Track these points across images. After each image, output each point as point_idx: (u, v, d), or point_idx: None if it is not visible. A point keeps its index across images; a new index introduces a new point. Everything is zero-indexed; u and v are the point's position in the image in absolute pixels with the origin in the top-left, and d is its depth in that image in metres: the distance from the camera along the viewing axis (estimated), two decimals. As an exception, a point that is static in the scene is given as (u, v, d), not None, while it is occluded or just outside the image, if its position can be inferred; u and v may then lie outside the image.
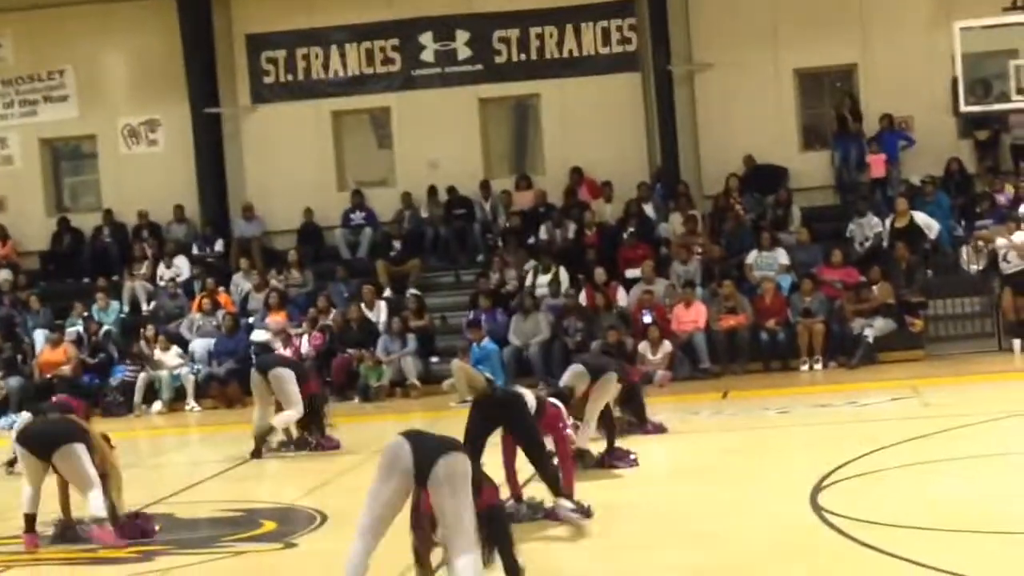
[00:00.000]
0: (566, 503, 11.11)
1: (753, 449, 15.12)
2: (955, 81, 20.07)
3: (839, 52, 26.24)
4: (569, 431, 12.04)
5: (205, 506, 13.44)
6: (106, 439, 12.10)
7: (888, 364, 21.81)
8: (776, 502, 11.66)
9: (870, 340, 22.10)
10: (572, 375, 13.70)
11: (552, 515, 11.21)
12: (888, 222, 24.04)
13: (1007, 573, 8.82)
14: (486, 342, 22.43)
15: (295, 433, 16.64)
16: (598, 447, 13.81)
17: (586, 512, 11.16)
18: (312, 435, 16.52)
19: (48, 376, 23.75)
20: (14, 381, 23.99)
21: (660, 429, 15.81)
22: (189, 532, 12.19)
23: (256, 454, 16.30)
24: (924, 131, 25.53)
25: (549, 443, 11.52)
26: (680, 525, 11.16)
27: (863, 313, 22.41)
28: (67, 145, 29.80)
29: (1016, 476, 12.14)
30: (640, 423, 15.27)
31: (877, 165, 25.42)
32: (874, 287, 22.73)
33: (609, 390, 13.86)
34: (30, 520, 11.66)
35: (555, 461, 11.48)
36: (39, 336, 25.18)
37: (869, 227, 24.28)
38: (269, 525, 12.28)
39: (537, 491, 11.45)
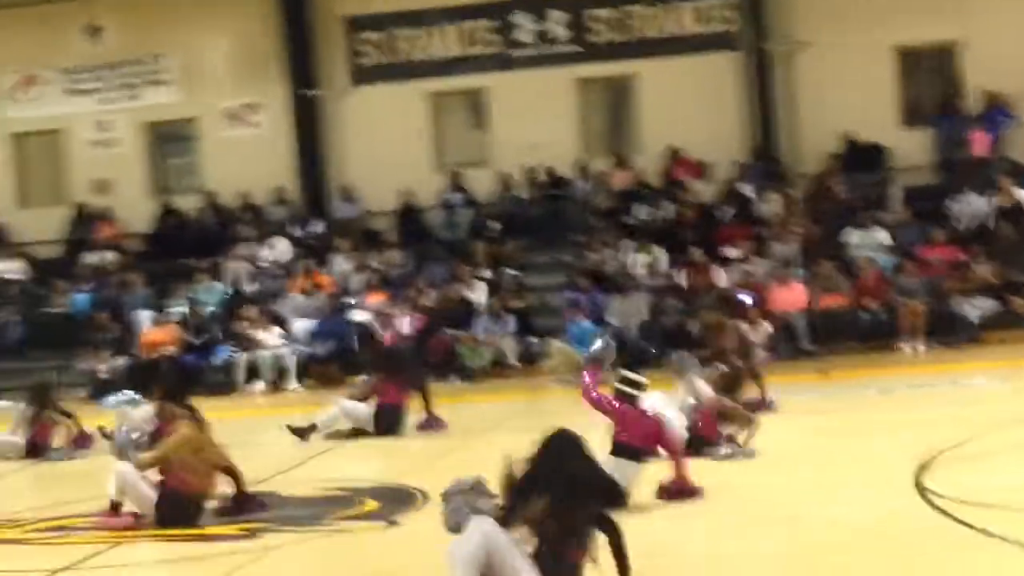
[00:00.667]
0: None
1: (854, 430, 15.02)
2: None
3: (940, 28, 25.96)
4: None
5: (308, 485, 13.57)
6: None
7: (991, 345, 21.56)
8: (878, 483, 11.58)
9: (973, 320, 21.87)
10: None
11: None
12: (991, 201, 23.75)
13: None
14: (584, 322, 22.44)
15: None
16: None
17: None
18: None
19: (152, 356, 24.07)
20: (121, 360, 24.37)
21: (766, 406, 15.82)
22: (292, 510, 12.31)
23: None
24: (1028, 109, 25.20)
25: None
26: (778, 508, 11.12)
27: (966, 292, 22.17)
28: (169, 128, 30.17)
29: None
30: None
31: (980, 143, 25.10)
32: (977, 267, 22.47)
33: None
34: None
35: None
36: (143, 316, 25.57)
37: (971, 206, 24.01)
38: (371, 504, 12.38)
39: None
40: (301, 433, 16.60)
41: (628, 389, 11.51)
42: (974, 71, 25.76)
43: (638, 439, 11.25)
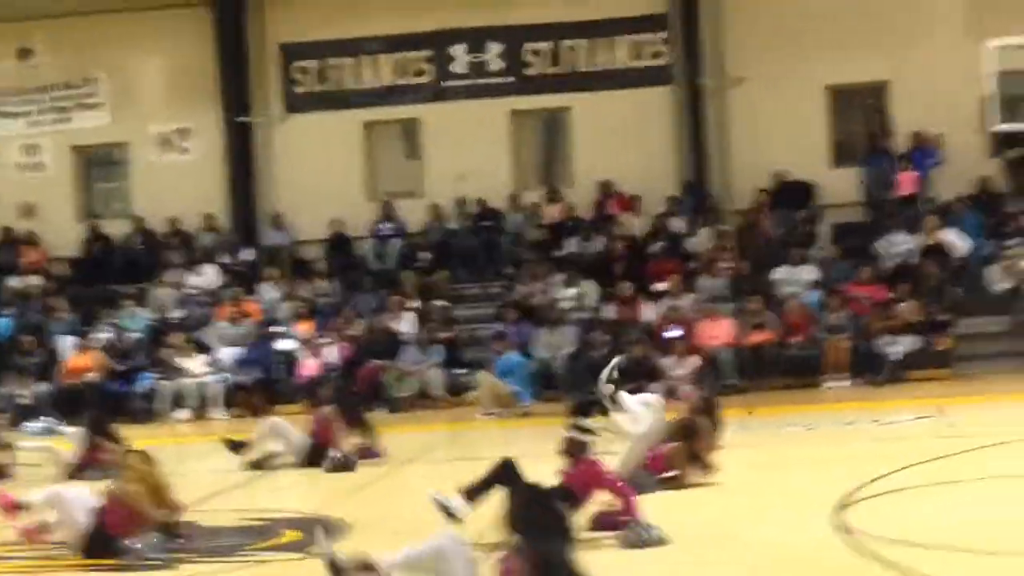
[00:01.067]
0: None
1: (778, 465, 15.07)
2: (986, 100, 20.02)
3: (871, 68, 26.24)
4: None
5: (229, 514, 13.44)
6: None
7: (914, 382, 21.75)
8: (800, 518, 11.61)
9: (897, 358, 22.04)
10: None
11: None
12: (917, 240, 23.97)
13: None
14: (512, 354, 22.42)
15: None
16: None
17: None
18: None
19: (75, 382, 23.82)
20: (43, 386, 24.10)
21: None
22: (212, 540, 12.17)
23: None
24: (955, 149, 25.46)
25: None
26: (702, 541, 11.11)
27: (890, 330, 22.35)
28: (99, 152, 29.94)
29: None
30: None
31: (907, 182, 25.36)
32: (901, 304, 22.67)
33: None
34: None
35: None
36: (67, 342, 25.29)
37: (898, 244, 24.23)
38: (292, 534, 12.26)
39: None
40: (236, 447, 16.42)
41: (580, 436, 11.47)
42: (903, 111, 26.05)
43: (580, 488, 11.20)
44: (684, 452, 13.61)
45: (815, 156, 26.51)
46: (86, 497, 11.79)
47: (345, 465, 15.92)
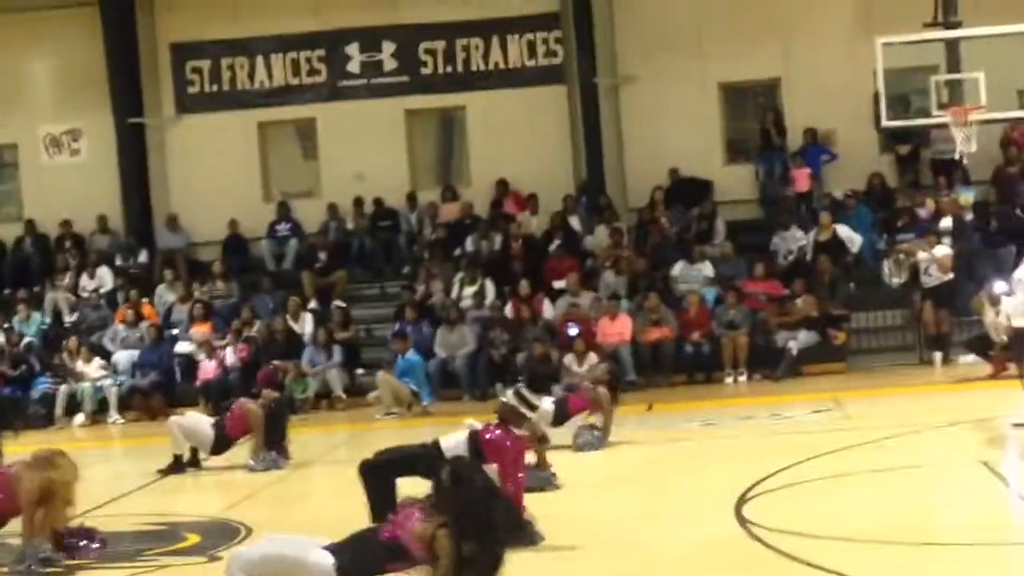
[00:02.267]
0: None
1: (677, 461, 15.21)
2: (876, 96, 20.27)
3: (763, 65, 26.50)
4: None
5: (128, 519, 13.31)
6: None
7: (811, 376, 22.03)
8: (700, 513, 11.73)
9: (793, 352, 22.31)
10: None
11: None
12: (811, 235, 24.28)
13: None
14: (411, 354, 22.37)
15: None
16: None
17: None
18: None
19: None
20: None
21: None
22: (112, 546, 12.02)
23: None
24: (847, 145, 25.81)
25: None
26: (602, 536, 11.18)
27: (786, 326, 22.62)
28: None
29: (934, 488, 12.30)
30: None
31: (801, 179, 25.67)
32: (797, 300, 22.94)
33: None
34: None
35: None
36: (-42, 348, 24.92)
37: (793, 240, 24.52)
38: (193, 538, 12.20)
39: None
40: (173, 470, 16.17)
41: (520, 406, 11.52)
42: (795, 107, 26.36)
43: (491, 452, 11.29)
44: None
45: (709, 153, 26.75)
46: None
47: (275, 464, 15.86)
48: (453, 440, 11.72)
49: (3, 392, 23.48)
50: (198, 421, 16.59)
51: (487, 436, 11.30)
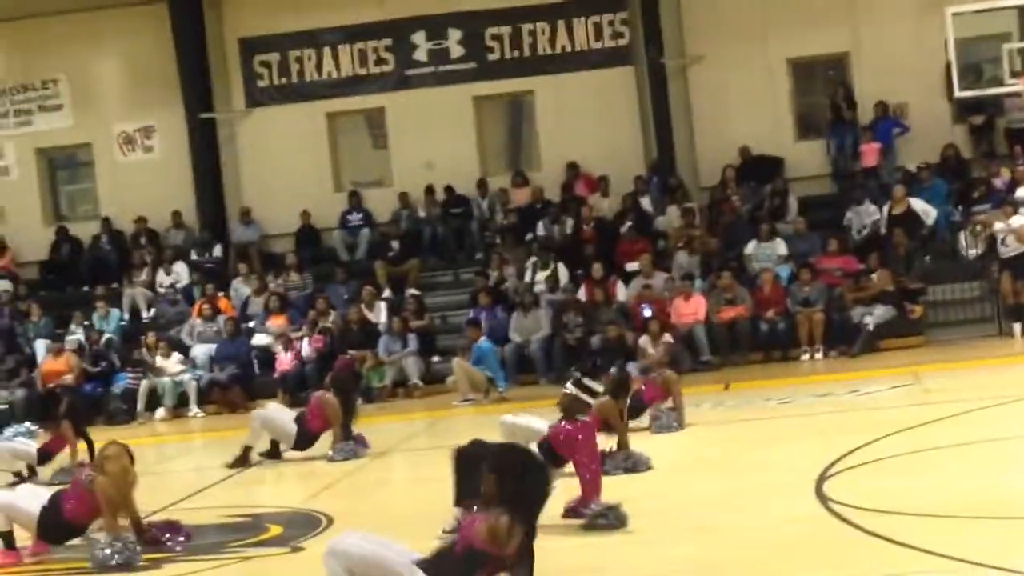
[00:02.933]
0: None
1: (755, 440, 15.15)
2: (948, 67, 20.09)
3: (831, 40, 26.31)
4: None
5: (211, 512, 13.43)
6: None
7: (888, 351, 21.85)
8: (781, 493, 11.67)
9: (870, 328, 22.14)
10: None
11: None
12: (885, 209, 24.07)
13: (1011, 557, 8.84)
14: (485, 340, 22.39)
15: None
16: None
17: None
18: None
19: (51, 386, 23.72)
20: (18, 392, 24.03)
21: None
22: (196, 538, 12.15)
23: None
24: (919, 117, 25.57)
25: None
26: (685, 518, 11.17)
27: (862, 301, 22.44)
28: (63, 154, 29.83)
29: (1018, 461, 12.16)
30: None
31: (872, 153, 25.45)
32: (873, 275, 22.76)
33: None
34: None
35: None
36: (40, 346, 25.21)
37: (866, 215, 24.32)
38: (275, 529, 12.28)
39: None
40: (241, 462, 16.25)
41: (582, 395, 11.59)
42: (865, 82, 26.13)
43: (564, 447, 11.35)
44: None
45: (780, 130, 26.59)
46: (36, 493, 11.79)
47: (355, 454, 15.94)
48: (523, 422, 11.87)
49: (84, 389, 23.71)
50: (281, 415, 16.67)
51: (558, 437, 11.38)
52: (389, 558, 7.91)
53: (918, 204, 23.83)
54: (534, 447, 11.33)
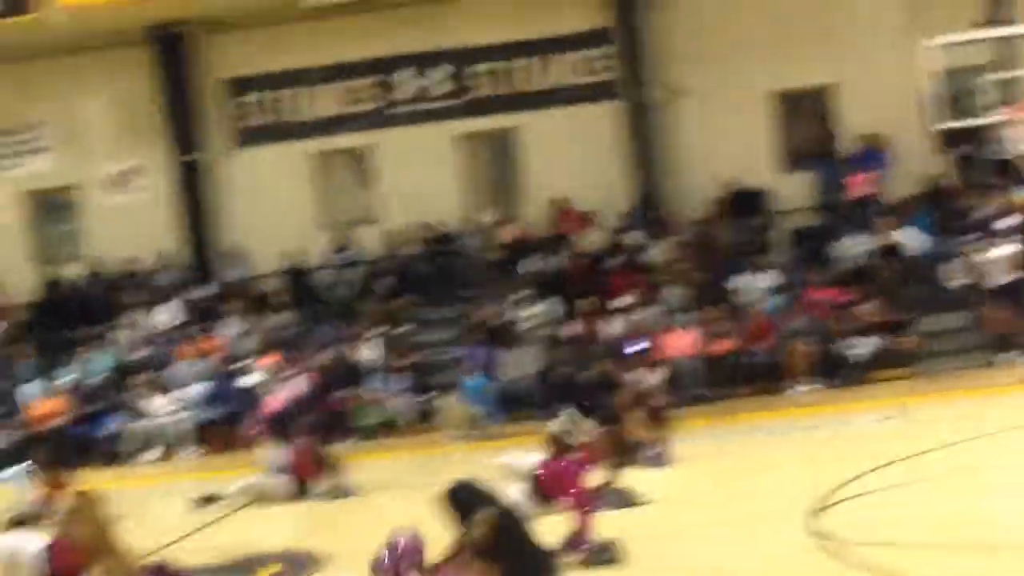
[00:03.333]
0: None
1: (746, 472, 15.20)
2: (926, 98, 20.20)
3: (816, 72, 26.43)
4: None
5: (206, 553, 13.42)
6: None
7: (878, 383, 21.89)
8: (770, 525, 11.71)
9: (860, 360, 22.19)
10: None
11: None
12: (872, 241, 24.16)
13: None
14: (476, 377, 22.43)
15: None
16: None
17: None
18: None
19: (40, 429, 23.68)
20: (9, 433, 23.95)
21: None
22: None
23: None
24: (903, 149, 25.63)
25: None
26: (677, 554, 11.20)
27: (851, 332, 22.50)
28: (50, 196, 29.79)
29: (1009, 492, 12.20)
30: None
31: (857, 184, 25.55)
32: (862, 306, 22.82)
33: None
34: None
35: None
36: (30, 388, 25.16)
37: (853, 246, 24.41)
38: (273, 568, 12.29)
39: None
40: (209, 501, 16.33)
41: (568, 431, 11.64)
42: (849, 113, 26.25)
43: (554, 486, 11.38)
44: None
45: (765, 163, 26.66)
46: (33, 543, 11.75)
47: (345, 492, 15.97)
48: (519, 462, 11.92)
49: (75, 430, 23.66)
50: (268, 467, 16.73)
51: (542, 475, 11.42)
52: None
53: (904, 235, 23.94)
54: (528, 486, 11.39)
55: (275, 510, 16.14)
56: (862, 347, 22.29)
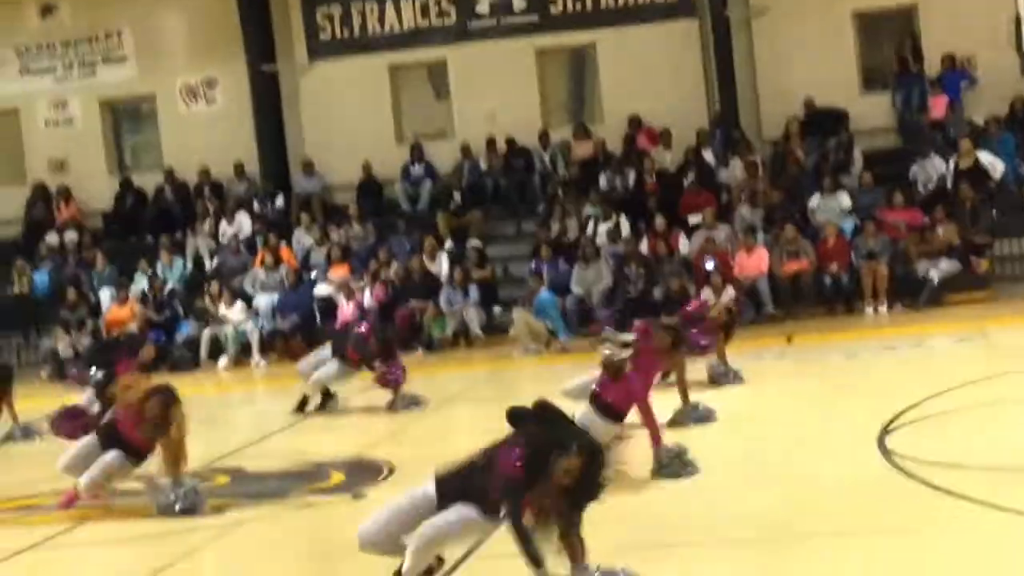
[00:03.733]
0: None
1: (819, 393, 15.08)
2: (1018, 19, 19.82)
3: (898, -8, 26.01)
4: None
5: (274, 459, 13.52)
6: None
7: (953, 306, 21.64)
8: (844, 446, 11.61)
9: (935, 282, 21.96)
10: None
11: None
12: (952, 163, 23.82)
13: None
14: (546, 292, 22.41)
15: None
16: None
17: None
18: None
19: (115, 334, 23.95)
20: (83, 339, 24.24)
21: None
22: (259, 485, 12.27)
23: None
24: (987, 70, 25.19)
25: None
26: (748, 470, 11.15)
27: (927, 255, 22.26)
28: (127, 105, 29.99)
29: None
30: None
31: (939, 106, 25.16)
32: (938, 228, 22.55)
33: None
34: None
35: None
36: (105, 295, 25.46)
37: (932, 168, 24.09)
38: (338, 477, 12.36)
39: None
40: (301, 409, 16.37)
41: (617, 352, 11.62)
42: (932, 33, 25.78)
43: (623, 401, 11.37)
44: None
45: (845, 83, 26.26)
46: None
47: (415, 403, 15.99)
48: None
49: (148, 337, 23.89)
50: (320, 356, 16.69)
51: (604, 394, 11.39)
52: (404, 505, 7.95)
53: (985, 158, 23.57)
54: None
55: (344, 420, 16.21)
56: (938, 269, 22.03)
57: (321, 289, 24.43)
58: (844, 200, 23.79)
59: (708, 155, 25.79)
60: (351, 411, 16.43)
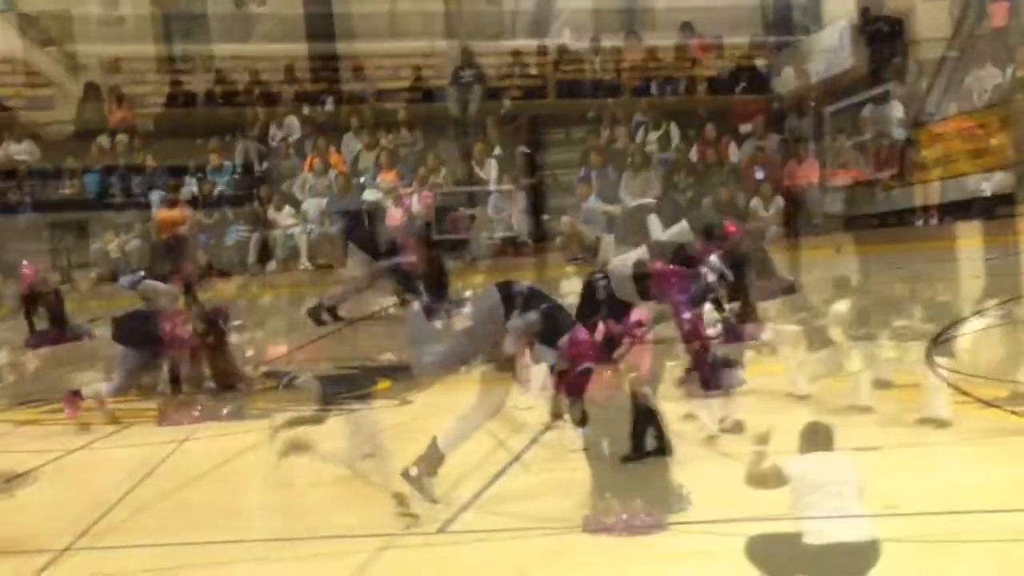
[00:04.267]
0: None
1: (873, 304, 14.97)
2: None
3: None
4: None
5: (321, 363, 13.56)
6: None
7: (1007, 218, 21.41)
8: (897, 356, 11.56)
9: (988, 194, 21.73)
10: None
11: None
12: (1009, 73, 23.48)
13: None
14: (594, 199, 22.32)
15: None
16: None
17: None
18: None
19: (165, 236, 24.00)
20: (133, 241, 24.34)
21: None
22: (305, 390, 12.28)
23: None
24: (1050, -23, 24.78)
25: None
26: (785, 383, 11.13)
27: (982, 167, 22.01)
28: (176, 6, 29.84)
29: None
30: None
31: (999, 13, 24.75)
32: (993, 141, 22.28)
33: None
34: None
35: None
36: (155, 197, 25.51)
37: (988, 78, 23.75)
38: (384, 383, 12.38)
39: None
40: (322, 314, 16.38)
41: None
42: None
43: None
44: None
45: (902, -10, 25.92)
46: None
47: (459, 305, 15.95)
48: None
49: (198, 239, 23.98)
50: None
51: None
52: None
53: (1043, 68, 23.24)
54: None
55: (392, 327, 16.21)
56: (993, 182, 21.78)
57: (369, 194, 24.40)
58: (897, 110, 23.52)
59: (760, 63, 25.52)
60: (395, 319, 16.42)
